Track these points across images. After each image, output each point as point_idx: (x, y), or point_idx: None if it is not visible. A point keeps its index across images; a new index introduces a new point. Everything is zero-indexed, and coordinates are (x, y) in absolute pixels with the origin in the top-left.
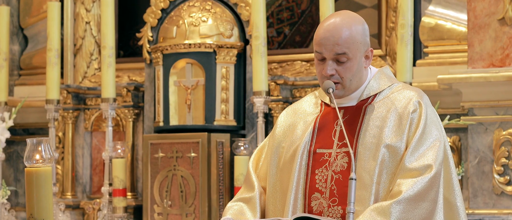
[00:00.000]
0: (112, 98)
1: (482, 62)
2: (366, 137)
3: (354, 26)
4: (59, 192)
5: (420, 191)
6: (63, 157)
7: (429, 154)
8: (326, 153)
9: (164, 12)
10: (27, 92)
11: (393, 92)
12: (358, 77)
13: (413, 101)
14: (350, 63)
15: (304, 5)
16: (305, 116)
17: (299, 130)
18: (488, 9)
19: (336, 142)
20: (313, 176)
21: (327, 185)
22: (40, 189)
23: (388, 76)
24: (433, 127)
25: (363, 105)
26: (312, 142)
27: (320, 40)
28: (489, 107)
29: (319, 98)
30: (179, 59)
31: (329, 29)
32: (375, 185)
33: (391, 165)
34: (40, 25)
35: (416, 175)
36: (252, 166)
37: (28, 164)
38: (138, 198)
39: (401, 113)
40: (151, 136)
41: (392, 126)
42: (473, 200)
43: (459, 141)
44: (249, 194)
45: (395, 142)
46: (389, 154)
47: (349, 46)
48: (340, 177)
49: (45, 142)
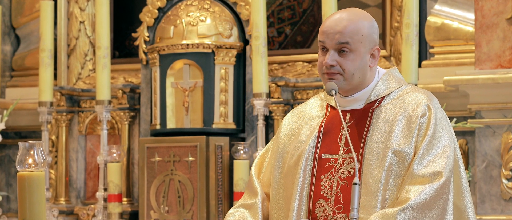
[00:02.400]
0: (107, 100)
1: (490, 63)
2: (373, 141)
3: (361, 21)
4: (52, 197)
5: (428, 199)
6: (56, 161)
7: (439, 160)
8: (332, 159)
9: (161, 11)
10: (19, 94)
11: (402, 95)
12: (361, 73)
13: (422, 105)
14: (352, 56)
15: (305, 4)
16: (310, 120)
17: (304, 134)
18: (496, 8)
19: (342, 147)
20: (318, 182)
21: (332, 192)
22: (33, 194)
23: (396, 78)
24: (443, 131)
25: (370, 109)
26: (317, 146)
27: (323, 29)
28: (497, 109)
29: (325, 101)
30: (177, 60)
31: (334, 19)
32: (382, 192)
33: (399, 171)
34: (33, 25)
35: (425, 182)
36: (255, 171)
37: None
38: (134, 204)
39: (409, 116)
40: (148, 139)
41: (400, 131)
42: (481, 206)
43: (466, 144)
44: (251, 200)
45: (403, 147)
46: (397, 160)
47: (352, 36)
48: (346, 183)
49: (38, 145)
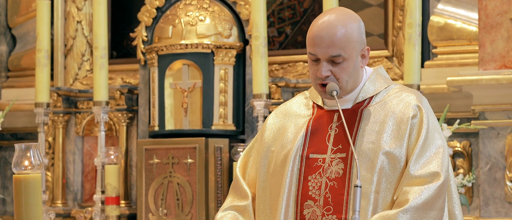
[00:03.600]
0: (104, 101)
1: (494, 63)
2: (363, 142)
3: (350, 24)
4: (49, 200)
5: (427, 199)
6: (53, 163)
7: (434, 161)
8: (319, 159)
9: (160, 10)
10: (15, 95)
11: (390, 95)
12: (354, 77)
13: (413, 105)
14: (346, 64)
15: (306, 3)
16: (296, 118)
17: (290, 133)
18: (500, 7)
19: (331, 147)
20: (305, 182)
21: (320, 193)
22: (29, 197)
23: (383, 77)
24: (435, 133)
25: (359, 109)
26: (304, 146)
27: (314, 39)
28: (501, 111)
29: (311, 100)
30: (175, 61)
31: (324, 27)
32: (374, 194)
33: (391, 173)
34: (29, 25)
35: (423, 182)
36: (239, 171)
37: (16, 170)
38: (132, 207)
39: (399, 117)
40: (146, 141)
41: (391, 131)
42: (485, 209)
43: (469, 146)
44: (241, 202)
45: (394, 149)
46: (388, 162)
47: (344, 47)
48: (334, 184)
49: (34, 147)
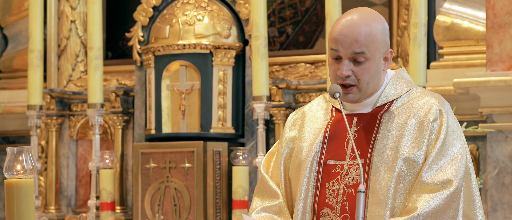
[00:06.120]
0: (99, 103)
1: (502, 64)
2: (383, 148)
3: (374, 24)
4: (41, 205)
5: (437, 208)
6: (46, 167)
7: (450, 168)
8: (338, 165)
9: (156, 10)
10: (7, 97)
11: (412, 99)
12: (375, 80)
13: (434, 109)
14: (368, 64)
15: (308, 2)
16: (314, 123)
17: (308, 138)
18: (509, 6)
19: (349, 153)
20: (322, 190)
21: (338, 200)
22: (21, 203)
23: (406, 81)
24: (455, 138)
25: (379, 113)
26: (322, 152)
27: (336, 36)
28: (509, 113)
29: (330, 103)
30: (173, 61)
31: (347, 25)
32: (391, 201)
33: (408, 178)
34: (21, 24)
35: (434, 190)
36: (264, 170)
37: (8, 175)
38: (128, 212)
39: (420, 122)
40: (142, 145)
41: (411, 136)
42: (492, 214)
43: (477, 150)
44: (274, 202)
45: (413, 154)
46: (407, 167)
47: (368, 45)
48: (352, 191)
49: (26, 151)
